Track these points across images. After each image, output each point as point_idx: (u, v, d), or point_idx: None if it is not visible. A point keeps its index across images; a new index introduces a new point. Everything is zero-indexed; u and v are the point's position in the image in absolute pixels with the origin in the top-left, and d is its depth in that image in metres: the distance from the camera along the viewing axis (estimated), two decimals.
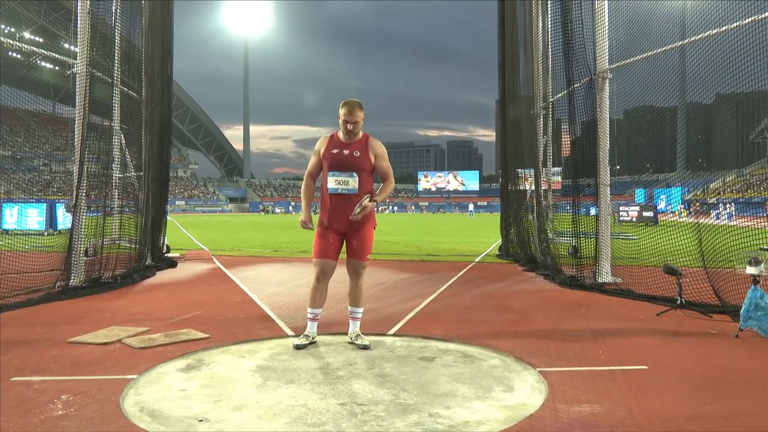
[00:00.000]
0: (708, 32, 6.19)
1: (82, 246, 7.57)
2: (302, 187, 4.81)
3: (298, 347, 4.43)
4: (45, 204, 19.97)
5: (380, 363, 4.09)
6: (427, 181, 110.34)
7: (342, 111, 4.48)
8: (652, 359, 4.16)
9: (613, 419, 2.99)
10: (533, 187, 10.80)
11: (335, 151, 4.54)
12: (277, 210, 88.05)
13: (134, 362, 4.05)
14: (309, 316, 4.64)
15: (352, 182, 4.50)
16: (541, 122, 10.84)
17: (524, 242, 10.95)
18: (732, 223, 8.07)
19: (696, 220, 7.04)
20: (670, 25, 7.11)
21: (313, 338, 4.59)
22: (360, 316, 4.73)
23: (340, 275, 4.74)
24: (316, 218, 4.67)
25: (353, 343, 4.57)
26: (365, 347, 4.48)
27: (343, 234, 4.60)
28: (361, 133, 4.60)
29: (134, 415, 3.08)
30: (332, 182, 4.52)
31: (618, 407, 3.16)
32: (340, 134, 4.57)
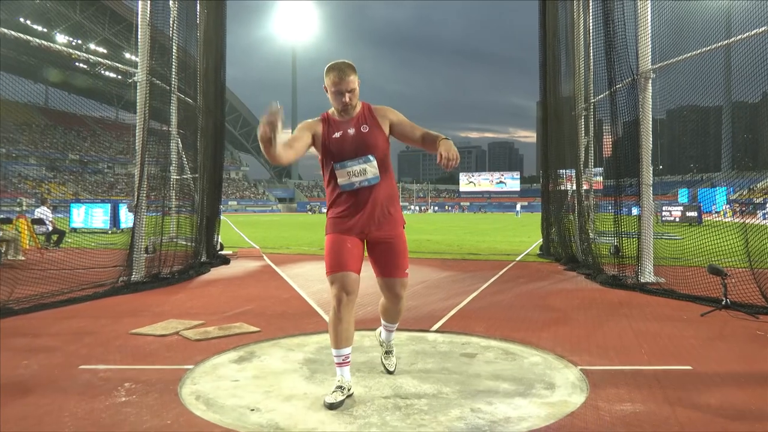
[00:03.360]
0: (754, 30, 6.09)
1: (143, 244, 7.98)
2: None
3: (332, 407, 3.14)
4: (109, 204, 21.36)
5: (423, 358, 4.17)
6: (469, 181, 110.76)
7: (330, 78, 3.21)
8: (696, 359, 4.12)
9: (656, 419, 2.98)
10: (574, 187, 10.73)
11: (337, 134, 3.30)
12: (324, 210, 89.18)
13: (190, 353, 4.24)
14: (337, 360, 3.33)
15: (371, 169, 3.27)
16: (583, 123, 10.77)
17: (565, 242, 10.88)
18: None
19: (742, 220, 6.90)
20: (715, 23, 7.00)
21: (349, 389, 3.30)
22: (394, 329, 3.83)
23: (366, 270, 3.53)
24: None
25: (381, 358, 3.90)
26: (389, 371, 3.79)
27: (364, 240, 3.40)
28: (359, 104, 3.40)
29: (191, 404, 3.22)
30: (344, 177, 3.28)
31: (661, 407, 3.15)
32: (334, 113, 3.37)
